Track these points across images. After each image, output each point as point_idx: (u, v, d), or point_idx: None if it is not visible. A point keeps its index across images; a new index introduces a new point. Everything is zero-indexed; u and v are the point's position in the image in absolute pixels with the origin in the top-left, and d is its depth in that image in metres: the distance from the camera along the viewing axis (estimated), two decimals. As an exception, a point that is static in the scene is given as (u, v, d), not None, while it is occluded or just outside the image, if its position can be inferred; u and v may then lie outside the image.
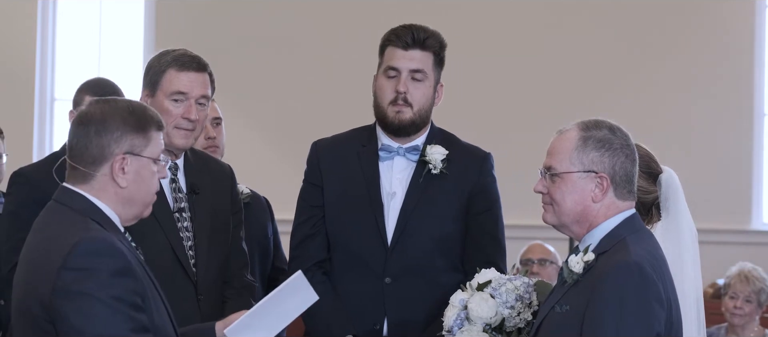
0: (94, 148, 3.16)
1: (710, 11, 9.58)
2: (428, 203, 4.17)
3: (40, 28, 10.02)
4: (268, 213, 5.16)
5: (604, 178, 3.31)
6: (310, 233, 4.23)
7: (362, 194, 4.19)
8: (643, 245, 3.27)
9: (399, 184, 4.20)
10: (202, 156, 4.21)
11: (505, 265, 4.27)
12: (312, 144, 4.34)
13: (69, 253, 3.05)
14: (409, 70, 4.14)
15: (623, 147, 3.34)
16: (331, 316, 4.13)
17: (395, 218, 4.17)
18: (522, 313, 3.70)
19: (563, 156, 3.34)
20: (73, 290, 3.03)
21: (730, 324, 6.45)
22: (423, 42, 4.16)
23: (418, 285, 4.12)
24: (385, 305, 4.14)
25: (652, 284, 3.17)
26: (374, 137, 4.25)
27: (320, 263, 4.23)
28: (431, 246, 4.16)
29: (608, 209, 3.32)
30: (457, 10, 9.35)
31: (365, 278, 4.16)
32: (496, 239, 4.24)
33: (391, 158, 4.22)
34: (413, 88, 4.14)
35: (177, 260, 3.94)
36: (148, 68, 4.06)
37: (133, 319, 3.05)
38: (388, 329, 4.15)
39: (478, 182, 4.22)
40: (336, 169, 4.24)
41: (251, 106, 9.76)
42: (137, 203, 3.24)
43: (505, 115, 9.44)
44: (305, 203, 4.28)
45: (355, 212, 4.19)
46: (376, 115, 4.22)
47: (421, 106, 4.17)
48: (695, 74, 9.55)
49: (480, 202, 4.22)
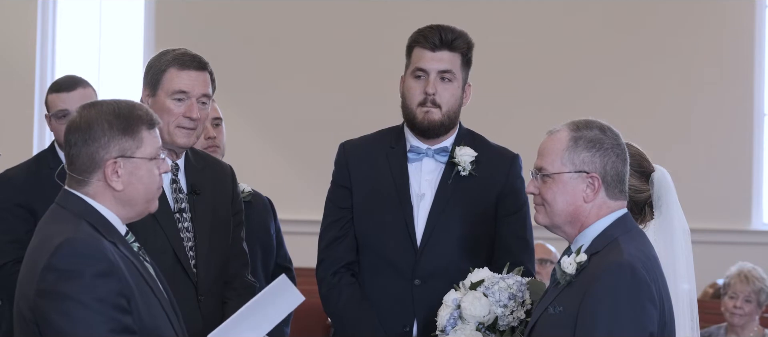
0: (84, 157, 3.17)
1: (710, 11, 9.58)
2: (457, 204, 4.16)
3: (40, 28, 10.02)
4: (270, 212, 5.17)
5: (595, 178, 3.31)
6: (338, 235, 4.23)
7: (391, 195, 4.18)
8: (635, 244, 3.27)
9: (428, 185, 4.20)
10: (202, 156, 4.21)
11: (534, 266, 4.28)
12: (340, 145, 4.33)
13: (53, 254, 3.06)
14: (437, 72, 4.13)
15: (614, 147, 3.34)
16: (360, 318, 4.13)
17: (424, 220, 4.17)
18: (515, 311, 3.70)
19: (554, 157, 3.34)
20: (55, 290, 3.04)
21: (729, 324, 6.45)
22: (451, 43, 4.15)
23: (448, 287, 4.06)
24: (414, 307, 4.14)
25: (645, 284, 3.17)
26: (402, 138, 4.25)
27: (349, 265, 4.22)
28: (460, 248, 4.16)
29: (600, 209, 3.32)
30: (457, 9, 9.36)
31: (394, 280, 4.16)
32: (524, 241, 4.23)
33: (420, 160, 4.22)
34: (442, 90, 4.14)
35: (178, 260, 3.94)
36: (149, 68, 4.05)
37: (114, 320, 3.05)
38: (418, 331, 4.14)
39: (506, 183, 4.22)
40: (364, 170, 4.24)
41: (252, 105, 9.76)
42: (138, 202, 3.24)
43: (508, 114, 9.44)
44: (333, 204, 4.27)
45: (384, 214, 4.18)
46: (405, 117, 4.21)
47: (450, 107, 4.16)
48: (695, 74, 9.55)
49: (509, 204, 4.21)
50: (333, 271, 4.21)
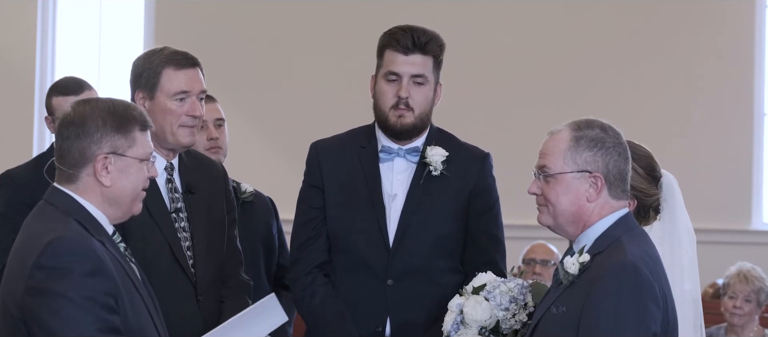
0: (75, 151, 3.20)
1: (710, 11, 9.57)
2: (429, 204, 4.16)
3: (40, 28, 10.02)
4: (272, 212, 5.18)
5: (598, 177, 3.30)
6: (311, 235, 4.22)
7: (364, 195, 4.18)
8: (638, 244, 3.27)
9: (400, 185, 4.19)
10: (194, 155, 4.20)
11: (505, 265, 4.27)
12: (311, 145, 4.32)
13: (42, 252, 3.07)
14: (410, 76, 4.12)
15: (616, 145, 3.33)
16: (334, 319, 4.13)
17: (396, 220, 4.16)
18: (517, 314, 3.69)
19: (556, 157, 3.33)
20: (44, 288, 3.05)
21: (729, 324, 6.45)
22: (424, 46, 4.12)
23: (420, 287, 4.11)
24: (387, 307, 4.13)
25: (648, 285, 3.17)
26: (374, 138, 4.24)
27: (322, 265, 4.21)
28: (432, 247, 4.15)
29: (602, 209, 3.31)
30: (457, 9, 9.36)
31: (367, 280, 4.15)
32: (496, 239, 4.23)
33: (392, 159, 4.21)
34: (415, 93, 4.12)
35: (176, 260, 3.93)
36: (139, 71, 4.00)
37: (103, 319, 3.06)
38: (391, 331, 4.14)
39: (478, 182, 4.22)
40: (336, 170, 4.23)
41: (253, 106, 9.76)
42: (124, 202, 3.26)
43: (508, 114, 9.45)
44: (305, 204, 4.26)
45: (356, 214, 4.17)
46: (377, 118, 4.20)
47: (423, 110, 4.15)
48: (695, 74, 9.55)
49: (481, 202, 4.21)
50: (306, 271, 4.20)
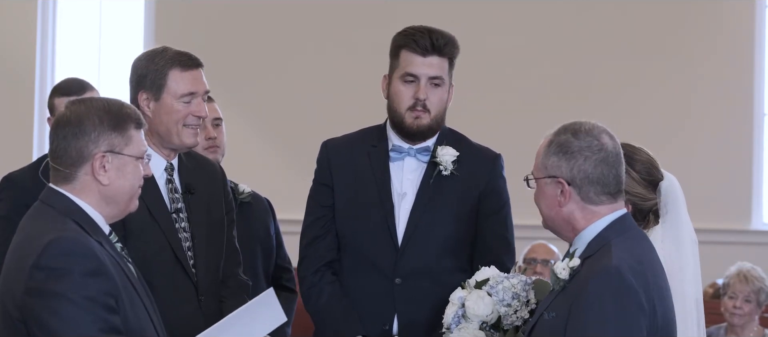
0: (72, 151, 3.20)
1: (709, 11, 9.58)
2: (438, 204, 4.16)
3: (40, 28, 10.02)
4: (269, 212, 5.17)
5: (561, 182, 3.25)
6: (319, 233, 4.23)
7: (373, 194, 4.18)
8: (628, 247, 3.21)
9: (409, 184, 4.19)
10: (193, 156, 4.20)
11: (514, 266, 4.27)
12: (322, 144, 4.33)
13: (42, 252, 3.06)
14: (428, 77, 4.12)
15: (583, 149, 3.24)
16: (341, 317, 4.14)
17: (405, 219, 4.17)
18: (519, 311, 3.70)
19: (537, 162, 3.32)
20: (45, 289, 3.04)
21: (729, 324, 6.45)
22: (442, 48, 4.12)
23: (428, 286, 4.11)
24: (395, 306, 4.14)
25: (633, 291, 3.11)
26: (385, 137, 4.24)
27: (330, 264, 4.22)
28: (441, 247, 4.15)
29: (583, 212, 3.26)
30: (458, 10, 9.36)
31: (375, 279, 4.16)
32: (505, 241, 4.23)
33: (402, 159, 4.21)
34: (432, 95, 4.12)
35: (177, 261, 3.94)
36: (142, 72, 4.00)
37: (103, 320, 3.06)
38: (398, 330, 4.14)
39: (488, 183, 4.22)
40: (346, 169, 4.23)
41: (251, 106, 9.76)
42: (121, 200, 3.26)
43: (510, 114, 9.45)
44: (315, 202, 4.27)
45: (365, 213, 4.18)
46: (392, 119, 4.20)
47: (438, 111, 4.16)
48: (695, 74, 9.55)
49: (490, 203, 4.21)
50: (314, 269, 4.21)
